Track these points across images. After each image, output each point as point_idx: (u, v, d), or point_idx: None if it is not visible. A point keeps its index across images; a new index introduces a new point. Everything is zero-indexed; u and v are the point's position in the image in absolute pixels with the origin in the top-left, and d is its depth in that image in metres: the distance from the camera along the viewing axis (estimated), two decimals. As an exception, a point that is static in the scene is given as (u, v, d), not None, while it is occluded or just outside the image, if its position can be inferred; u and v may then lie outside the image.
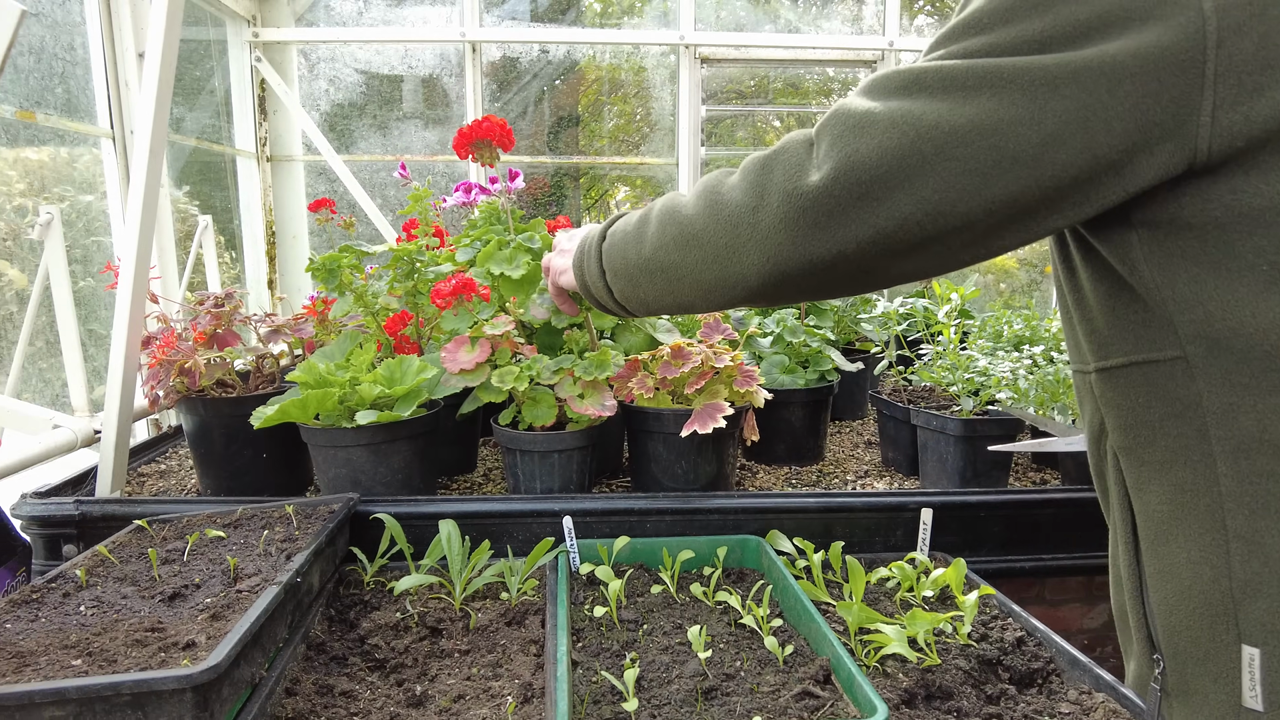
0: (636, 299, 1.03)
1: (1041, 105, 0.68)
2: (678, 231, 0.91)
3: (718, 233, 0.86)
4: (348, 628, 1.34)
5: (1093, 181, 0.70)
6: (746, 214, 0.83)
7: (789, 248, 0.79)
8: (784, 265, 0.81)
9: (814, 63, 3.12)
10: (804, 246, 0.78)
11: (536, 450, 1.57)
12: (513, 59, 2.99)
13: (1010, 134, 0.69)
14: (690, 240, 0.89)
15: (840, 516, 1.63)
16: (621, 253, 1.01)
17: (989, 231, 0.74)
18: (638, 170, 3.18)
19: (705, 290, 0.91)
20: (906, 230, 0.74)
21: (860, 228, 0.75)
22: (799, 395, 1.98)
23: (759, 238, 0.81)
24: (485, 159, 1.88)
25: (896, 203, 0.73)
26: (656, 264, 0.95)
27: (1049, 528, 1.71)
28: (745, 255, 0.83)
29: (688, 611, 1.38)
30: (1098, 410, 0.87)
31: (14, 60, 1.93)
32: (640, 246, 0.97)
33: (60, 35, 2.07)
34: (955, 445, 1.72)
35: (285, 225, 3.03)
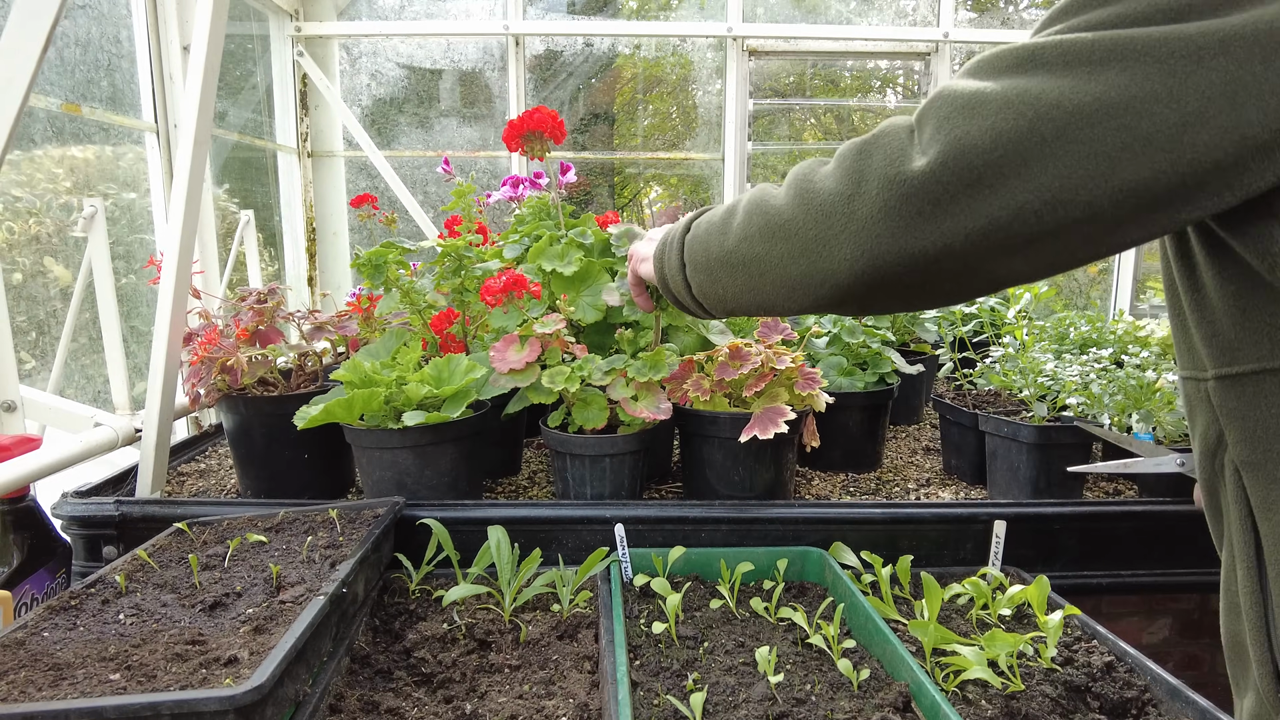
0: (715, 295, 0.96)
1: (1182, 80, 0.59)
2: (764, 222, 0.83)
3: (807, 223, 0.78)
4: (393, 639, 1.29)
5: (1238, 166, 0.61)
6: (841, 203, 0.75)
7: (888, 240, 0.71)
8: (880, 260, 0.72)
9: (865, 55, 3.02)
10: (905, 239, 0.70)
11: (587, 454, 1.50)
12: (555, 53, 2.93)
13: (1144, 113, 0.60)
14: (777, 231, 0.82)
15: (906, 528, 1.54)
16: (704, 245, 0.94)
17: (1114, 224, 0.66)
18: (681, 166, 3.11)
19: (790, 288, 0.83)
20: (1022, 221, 0.65)
21: (970, 218, 0.67)
22: (857, 398, 1.89)
23: (854, 229, 0.73)
24: (536, 151, 1.81)
25: (1012, 190, 0.65)
26: (739, 257, 0.87)
27: (1128, 542, 1.61)
28: (837, 248, 0.75)
29: (749, 628, 1.30)
30: (1215, 421, 0.78)
31: (60, 52, 1.91)
32: (724, 238, 0.90)
33: (106, 28, 2.05)
34: (1028, 453, 1.63)
35: (326, 221, 3.00)
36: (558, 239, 1.70)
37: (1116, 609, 2.64)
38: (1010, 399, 1.91)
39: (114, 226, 2.64)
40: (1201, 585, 1.66)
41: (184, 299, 1.42)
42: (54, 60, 1.90)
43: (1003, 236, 0.67)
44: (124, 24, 2.13)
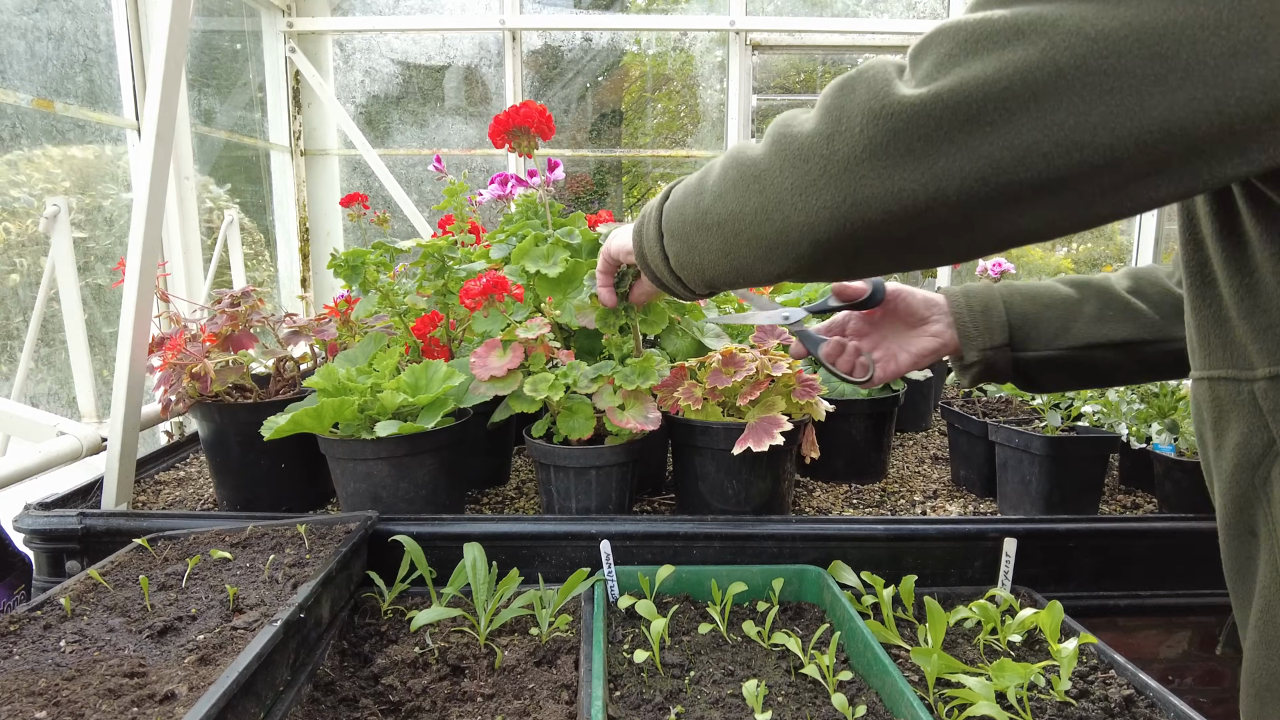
0: (693, 265, 0.87)
1: (1233, 1, 0.50)
2: (738, 175, 0.75)
3: (784, 170, 0.69)
4: (361, 663, 1.21)
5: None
6: (819, 143, 0.66)
7: (872, 181, 0.62)
8: (863, 207, 0.64)
9: (872, 49, 2.93)
10: (891, 180, 0.61)
11: (572, 466, 1.42)
12: (554, 49, 2.86)
13: (1184, 39, 0.50)
14: (752, 183, 0.73)
15: (911, 545, 1.45)
16: (680, 208, 0.85)
17: (1140, 174, 0.56)
18: (684, 164, 3.02)
19: (767, 247, 0.74)
20: (1029, 165, 0.56)
21: (966, 158, 0.58)
22: (860, 406, 1.80)
23: (834, 171, 0.65)
24: (523, 148, 1.74)
25: (1018, 127, 0.56)
26: (714, 216, 0.79)
27: (1148, 561, 1.52)
28: (816, 195, 0.67)
29: (740, 655, 1.22)
30: (1263, 428, 0.69)
31: (31, 46, 1.85)
32: (700, 198, 0.81)
33: (82, 21, 1.99)
34: (1040, 466, 1.53)
35: (319, 222, 2.93)
36: (543, 239, 1.63)
37: (1133, 622, 2.53)
38: (1022, 406, 1.82)
39: (112, 227, 2.59)
40: (1228, 608, 1.56)
41: (148, 302, 1.35)
42: (23, 54, 1.84)
43: (1005, 182, 0.58)
44: (102, 17, 2.07)
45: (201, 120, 2.48)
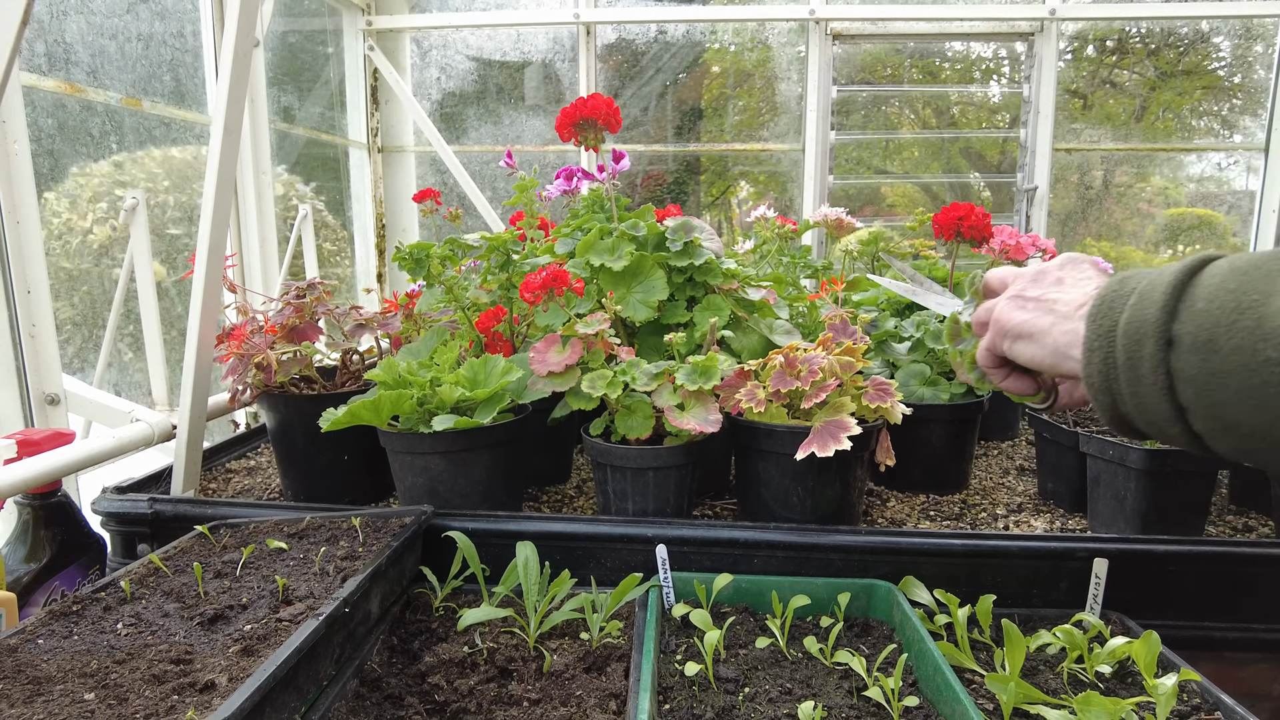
0: (1231, 414, 0.55)
1: None
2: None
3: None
4: (409, 660, 1.19)
5: None
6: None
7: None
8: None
9: (961, 36, 2.78)
10: None
11: (628, 466, 1.38)
12: (630, 43, 2.82)
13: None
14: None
15: (990, 562, 1.35)
16: (1236, 311, 0.54)
17: None
18: (767, 162, 2.94)
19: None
20: None
21: None
22: (940, 412, 1.70)
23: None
24: (590, 141, 1.70)
25: None
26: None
27: (1263, 590, 1.37)
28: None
29: (799, 672, 1.15)
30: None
31: (121, 47, 1.92)
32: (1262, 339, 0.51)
33: (169, 23, 2.06)
34: (1137, 481, 1.41)
35: (395, 218, 2.98)
36: (608, 232, 1.58)
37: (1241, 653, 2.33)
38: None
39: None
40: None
41: (215, 293, 1.37)
42: (114, 55, 1.91)
43: None
44: (189, 19, 2.14)
45: (281, 117, 2.55)
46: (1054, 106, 2.65)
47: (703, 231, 1.69)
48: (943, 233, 1.73)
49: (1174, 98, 3.09)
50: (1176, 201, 3.35)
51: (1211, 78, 3.07)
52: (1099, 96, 3.46)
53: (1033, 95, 2.70)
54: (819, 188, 2.70)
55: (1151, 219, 3.25)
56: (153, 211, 2.55)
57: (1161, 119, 3.16)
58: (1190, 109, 3.13)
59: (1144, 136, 3.01)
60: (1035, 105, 2.68)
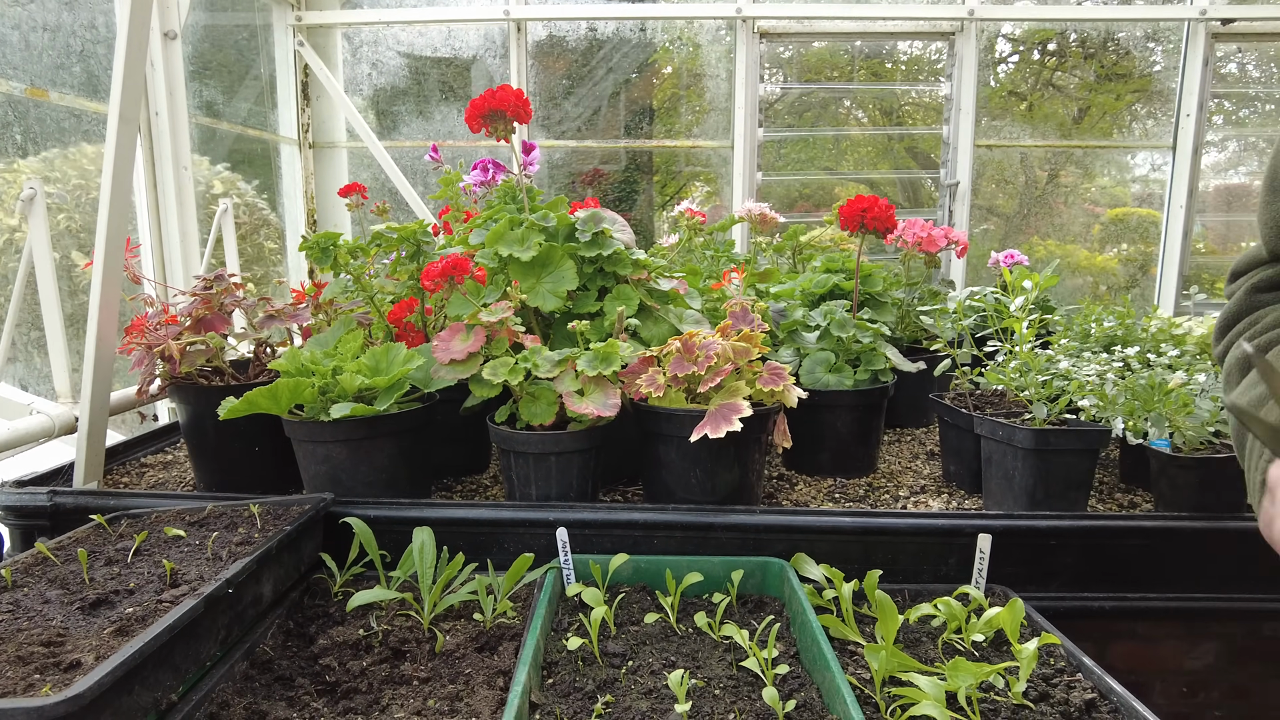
0: None
1: None
2: None
3: None
4: (304, 644, 1.20)
5: None
6: None
7: None
8: None
9: (884, 35, 2.85)
10: None
11: (530, 452, 1.40)
12: (559, 39, 2.84)
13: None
14: None
15: (882, 540, 1.40)
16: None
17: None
18: (704, 156, 2.98)
19: None
20: None
21: None
22: (847, 397, 1.75)
23: None
24: (499, 132, 1.72)
25: None
26: None
27: (1138, 561, 1.44)
28: None
29: (686, 646, 1.18)
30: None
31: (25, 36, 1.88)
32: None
33: (79, 13, 2.02)
34: (1024, 460, 1.47)
35: (327, 214, 2.96)
36: (518, 223, 1.61)
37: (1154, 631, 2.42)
38: (1014, 400, 1.75)
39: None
40: (1227, 613, 1.48)
41: (115, 284, 1.36)
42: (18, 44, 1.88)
43: None
44: (100, 9, 2.11)
45: (205, 111, 2.52)
46: (975, 104, 2.73)
47: (614, 223, 1.72)
48: (848, 225, 1.78)
49: (1108, 100, 3.19)
50: (1121, 201, 3.46)
51: (1143, 81, 3.18)
52: (1038, 97, 3.56)
53: (954, 93, 2.77)
54: (748, 184, 2.75)
55: (1096, 218, 3.35)
56: (83, 207, 2.52)
57: (1101, 121, 3.26)
58: (1127, 110, 3.24)
59: (1080, 135, 3.11)
60: (957, 103, 2.76)
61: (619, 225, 1.70)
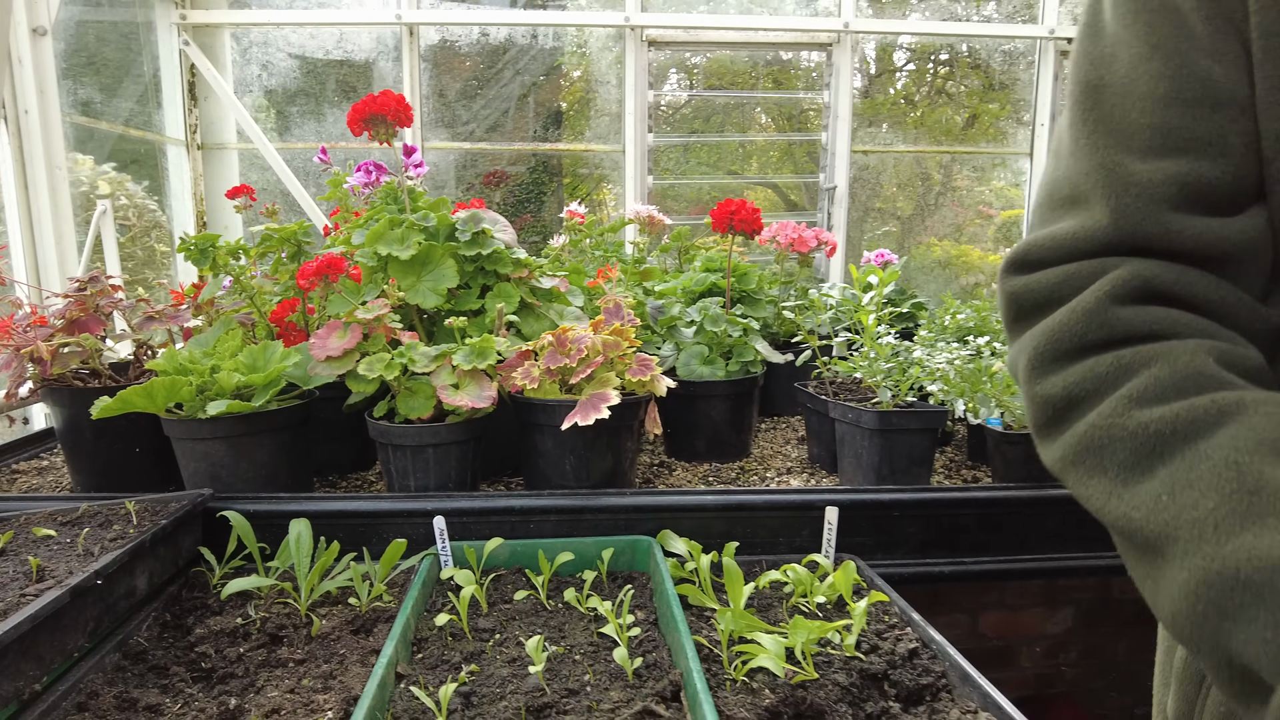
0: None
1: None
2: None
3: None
4: (180, 634, 1.23)
5: None
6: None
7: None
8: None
9: (767, 45, 3.00)
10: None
11: (408, 444, 1.46)
12: (452, 43, 2.88)
13: None
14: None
15: (741, 515, 1.51)
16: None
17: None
18: (582, 158, 3.07)
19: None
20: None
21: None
22: (720, 387, 1.86)
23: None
24: (381, 136, 1.77)
25: None
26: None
27: (973, 529, 1.59)
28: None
29: (554, 620, 1.26)
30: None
31: None
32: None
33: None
34: (870, 439, 1.61)
35: (217, 216, 2.92)
36: (398, 223, 1.66)
37: (1019, 599, 2.65)
38: (868, 387, 1.89)
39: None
40: (1049, 571, 1.65)
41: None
42: None
43: None
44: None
45: (80, 110, 2.45)
46: (850, 112, 2.91)
47: (495, 224, 1.79)
48: (718, 226, 1.90)
49: (994, 109, 3.43)
50: (1016, 203, 3.71)
51: (1019, 92, 3.43)
52: (926, 105, 3.79)
53: (832, 101, 2.94)
54: (639, 187, 2.86)
55: (990, 220, 3.58)
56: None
57: (991, 128, 3.49)
58: (1010, 118, 3.48)
59: (969, 142, 3.33)
60: (834, 110, 2.93)
61: (500, 226, 1.77)
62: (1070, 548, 1.63)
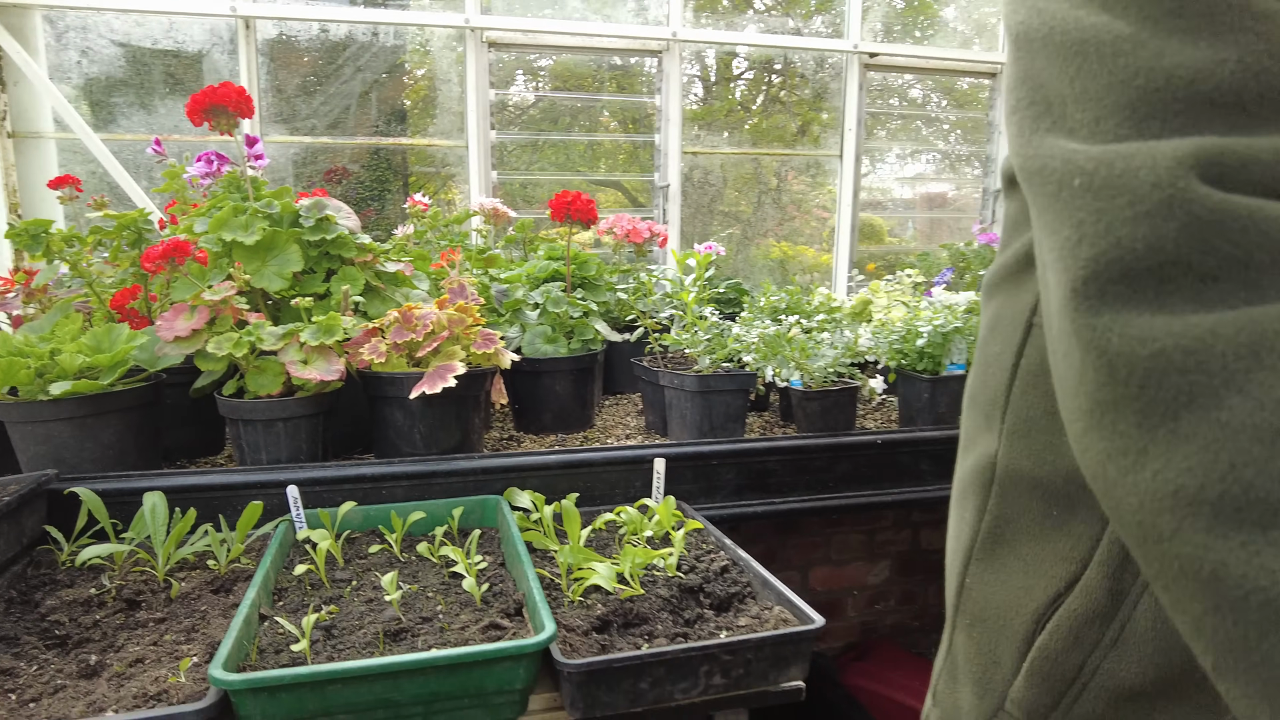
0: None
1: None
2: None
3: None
4: (29, 609, 1.26)
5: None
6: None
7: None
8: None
9: (603, 50, 3.20)
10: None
11: (258, 419, 1.53)
12: (291, 38, 2.88)
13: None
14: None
15: (582, 472, 1.68)
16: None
17: None
18: (426, 153, 3.15)
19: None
20: None
21: None
22: (564, 364, 2.02)
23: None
24: (222, 126, 1.81)
25: None
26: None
27: (780, 473, 1.84)
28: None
29: (409, 568, 1.38)
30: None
31: None
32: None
33: None
34: (693, 400, 1.82)
35: (35, 209, 2.77)
36: (242, 210, 1.71)
37: (843, 555, 2.98)
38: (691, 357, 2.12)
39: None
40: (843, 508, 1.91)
41: None
42: None
43: None
44: None
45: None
46: (680, 115, 3.15)
47: (339, 211, 1.87)
48: (556, 216, 2.06)
49: (822, 116, 3.75)
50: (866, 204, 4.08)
51: (834, 99, 3.80)
52: (760, 112, 4.11)
53: (664, 105, 3.17)
54: (483, 182, 2.98)
55: (825, 223, 3.90)
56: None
57: (824, 134, 3.82)
58: (836, 125, 3.82)
59: (802, 146, 3.65)
60: (666, 114, 3.16)
61: (344, 213, 1.85)
62: (861, 487, 1.90)
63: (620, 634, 1.22)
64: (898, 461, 1.92)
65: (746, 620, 1.24)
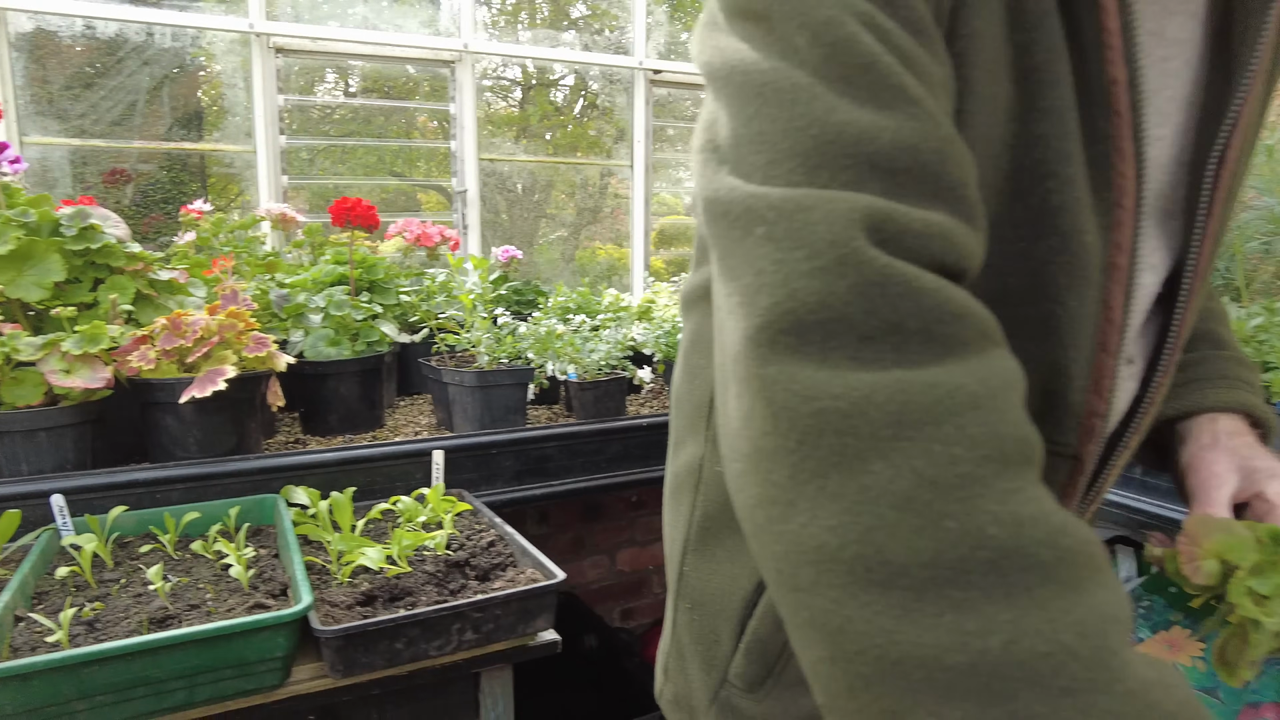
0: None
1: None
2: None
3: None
4: None
5: None
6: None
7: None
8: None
9: (395, 59, 3.26)
10: None
11: (18, 429, 1.52)
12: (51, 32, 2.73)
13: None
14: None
15: (361, 468, 1.78)
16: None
17: None
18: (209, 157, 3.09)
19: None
20: None
21: None
22: (349, 365, 2.10)
23: None
24: (-34, 132, 1.75)
25: None
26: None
27: (557, 458, 2.02)
28: None
29: (183, 565, 1.44)
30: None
31: None
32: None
33: None
34: (473, 395, 1.96)
35: None
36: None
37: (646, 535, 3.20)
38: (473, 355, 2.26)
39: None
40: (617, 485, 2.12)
41: None
42: None
43: None
44: None
45: None
46: (475, 122, 3.27)
47: (106, 219, 1.86)
48: (337, 222, 2.14)
49: (623, 124, 3.95)
50: (675, 209, 4.29)
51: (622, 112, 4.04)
52: (573, 119, 4.28)
53: (458, 113, 3.28)
54: (274, 186, 2.96)
55: (651, 226, 4.09)
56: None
57: (623, 143, 4.02)
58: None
59: (615, 155, 3.84)
60: (460, 121, 3.27)
61: (111, 221, 1.85)
62: (632, 465, 2.12)
63: (385, 607, 1.34)
64: (664, 442, 2.15)
65: (502, 584, 1.40)
